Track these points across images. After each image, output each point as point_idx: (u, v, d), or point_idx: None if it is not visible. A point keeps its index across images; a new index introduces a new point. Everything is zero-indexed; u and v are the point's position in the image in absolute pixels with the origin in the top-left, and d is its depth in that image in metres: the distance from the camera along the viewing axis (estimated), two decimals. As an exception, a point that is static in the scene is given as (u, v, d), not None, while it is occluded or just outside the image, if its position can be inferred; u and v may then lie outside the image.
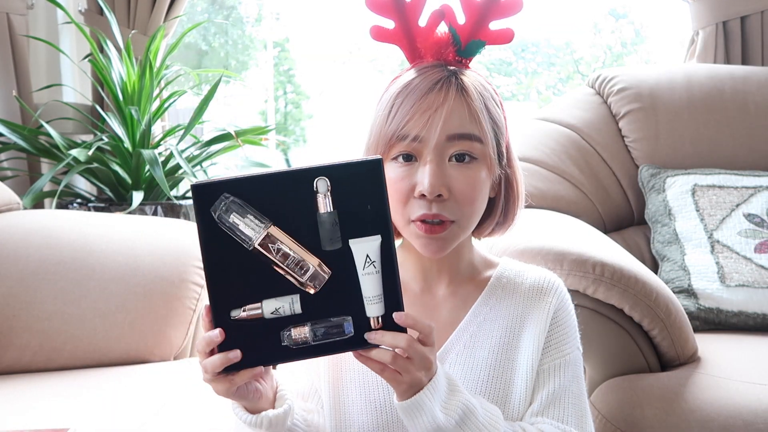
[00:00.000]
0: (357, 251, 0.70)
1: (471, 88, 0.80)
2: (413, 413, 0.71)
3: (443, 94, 0.78)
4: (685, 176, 1.64)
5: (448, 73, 0.80)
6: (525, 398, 0.83)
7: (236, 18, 3.12)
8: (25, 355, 1.32)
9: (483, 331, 0.85)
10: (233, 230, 0.69)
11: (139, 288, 1.37)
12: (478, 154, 0.80)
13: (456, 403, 0.73)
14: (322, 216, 0.70)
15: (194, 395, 1.18)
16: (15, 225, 1.45)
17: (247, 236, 0.69)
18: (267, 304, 0.69)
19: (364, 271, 0.70)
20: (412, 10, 0.82)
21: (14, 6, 2.17)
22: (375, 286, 0.70)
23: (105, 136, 2.14)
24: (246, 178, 0.69)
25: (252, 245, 0.69)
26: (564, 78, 3.09)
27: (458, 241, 0.83)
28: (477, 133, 0.79)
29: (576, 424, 0.81)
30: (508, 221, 0.88)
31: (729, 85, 1.80)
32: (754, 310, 1.42)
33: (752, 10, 2.07)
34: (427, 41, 0.83)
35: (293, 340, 0.69)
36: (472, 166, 0.79)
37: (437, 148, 0.78)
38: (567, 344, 0.85)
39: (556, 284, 0.88)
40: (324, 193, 0.70)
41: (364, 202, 0.70)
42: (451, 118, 0.78)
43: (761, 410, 1.09)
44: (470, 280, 0.89)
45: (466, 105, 0.79)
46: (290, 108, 3.20)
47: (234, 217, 0.68)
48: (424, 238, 0.79)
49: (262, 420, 0.74)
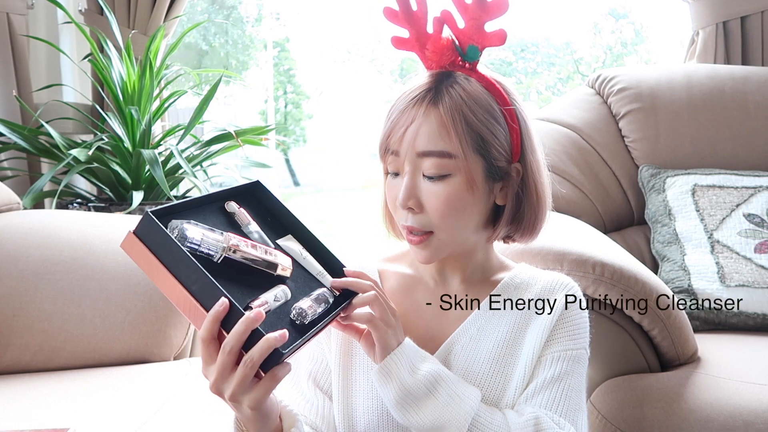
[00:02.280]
0: (286, 247, 0.81)
1: (448, 101, 0.79)
2: (384, 377, 0.77)
3: (415, 110, 0.80)
4: (685, 176, 1.64)
5: (431, 86, 0.81)
6: (522, 389, 0.84)
7: (236, 18, 3.11)
8: (25, 355, 1.32)
9: (490, 325, 0.86)
10: (197, 248, 0.68)
11: (139, 288, 1.37)
12: (450, 169, 0.79)
13: (426, 368, 0.78)
14: (248, 228, 0.79)
15: (194, 395, 1.18)
16: (15, 225, 1.45)
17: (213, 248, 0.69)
18: (265, 296, 0.72)
19: (302, 257, 0.81)
20: (419, 19, 0.83)
21: (14, 6, 2.17)
22: (314, 265, 0.81)
23: (105, 136, 2.14)
24: (179, 204, 0.73)
25: (221, 255, 0.69)
26: (564, 78, 3.09)
27: (451, 248, 0.84)
28: (446, 149, 0.78)
29: (568, 417, 0.81)
30: (527, 228, 0.87)
31: (729, 85, 1.80)
32: (754, 310, 1.42)
33: (752, 10, 2.07)
34: (435, 46, 0.83)
35: (305, 314, 0.73)
36: (444, 182, 0.80)
37: (411, 163, 0.80)
38: (573, 341, 0.85)
39: (568, 285, 0.89)
40: (237, 211, 0.79)
41: (266, 213, 0.83)
42: (418, 135, 0.79)
43: (761, 410, 1.09)
44: (484, 281, 0.90)
45: (435, 120, 0.79)
46: (290, 108, 3.20)
47: (194, 234, 0.68)
48: (412, 246, 0.84)
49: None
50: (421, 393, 0.77)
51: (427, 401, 0.77)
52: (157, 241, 0.65)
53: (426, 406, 0.77)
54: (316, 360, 0.90)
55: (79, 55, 2.39)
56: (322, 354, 0.90)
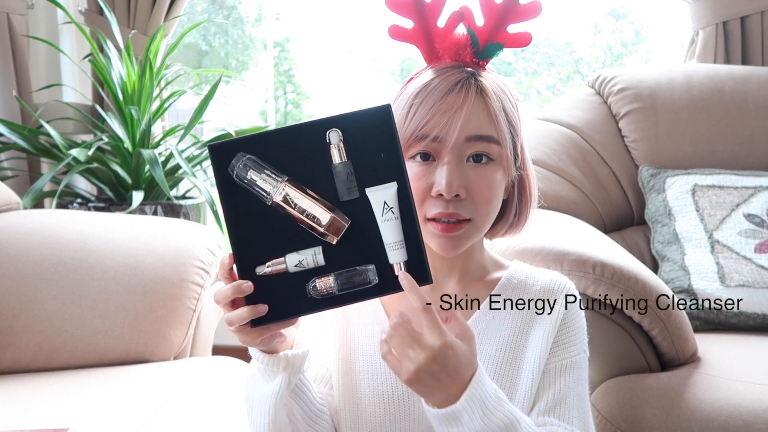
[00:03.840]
0: (374, 199, 0.71)
1: (490, 89, 0.80)
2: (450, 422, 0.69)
3: (463, 95, 0.79)
4: (685, 176, 1.64)
5: (467, 75, 0.81)
6: (529, 397, 0.83)
7: (236, 18, 3.11)
8: (25, 355, 1.32)
9: (491, 329, 0.86)
10: (252, 186, 0.70)
11: (139, 288, 1.37)
12: (495, 155, 0.80)
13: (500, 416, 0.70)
14: (336, 167, 0.71)
15: (194, 395, 1.18)
16: (15, 225, 1.45)
17: (266, 191, 0.70)
18: (290, 257, 0.71)
19: (383, 218, 0.71)
20: (431, 11, 0.82)
21: (14, 6, 2.17)
22: (395, 233, 0.71)
23: (105, 136, 2.14)
24: (260, 135, 0.71)
25: (271, 200, 0.70)
26: (564, 78, 3.09)
27: (473, 241, 0.84)
28: (495, 135, 0.80)
29: (580, 426, 0.81)
30: (521, 223, 0.89)
31: (729, 85, 1.80)
32: (754, 310, 1.42)
33: (752, 10, 2.07)
34: (445, 42, 0.83)
35: (318, 291, 0.71)
36: (489, 167, 0.80)
37: (455, 148, 0.79)
38: (575, 346, 0.85)
39: (567, 286, 0.88)
40: (336, 144, 0.71)
41: (378, 150, 0.72)
42: (470, 120, 0.78)
43: (761, 410, 1.09)
44: (479, 280, 0.90)
45: (485, 107, 0.79)
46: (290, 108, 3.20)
47: (251, 173, 0.70)
48: (439, 236, 0.80)
49: (279, 359, 0.74)
50: None
51: None
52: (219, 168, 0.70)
53: None
54: (318, 366, 0.89)
55: (79, 55, 2.39)
56: (323, 360, 0.89)
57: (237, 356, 1.42)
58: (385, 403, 0.84)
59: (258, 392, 0.77)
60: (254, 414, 0.77)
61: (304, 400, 0.80)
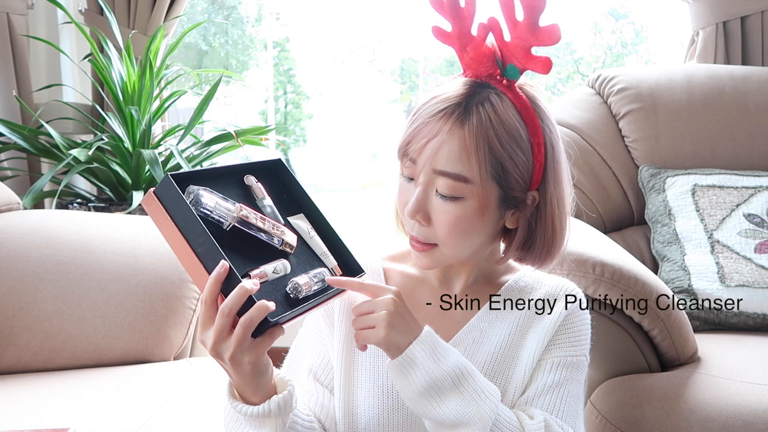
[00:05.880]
0: (295, 224, 0.83)
1: (475, 121, 0.75)
2: (407, 366, 0.74)
3: (440, 125, 0.76)
4: (685, 176, 1.64)
5: (462, 99, 0.77)
6: (520, 391, 0.84)
7: (236, 18, 3.11)
8: (25, 355, 1.32)
9: (493, 328, 0.86)
10: (209, 213, 0.72)
11: (139, 288, 1.37)
12: (464, 192, 0.77)
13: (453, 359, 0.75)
14: (262, 202, 0.81)
15: (194, 395, 1.18)
16: (15, 225, 1.45)
17: (224, 215, 0.72)
18: (265, 267, 0.74)
19: (309, 235, 0.83)
20: (465, 17, 0.79)
21: (14, 6, 2.17)
22: (320, 245, 0.83)
23: (105, 136, 2.14)
24: (200, 171, 0.76)
25: (230, 223, 0.73)
26: (564, 78, 3.09)
27: (453, 261, 0.84)
28: (462, 173, 0.76)
29: (567, 422, 0.81)
30: (539, 257, 0.85)
31: (729, 85, 1.80)
32: (754, 310, 1.42)
33: (752, 10, 2.07)
34: (475, 52, 0.79)
35: (299, 288, 0.75)
36: (455, 203, 0.78)
37: (426, 176, 0.78)
38: (574, 348, 0.85)
39: (571, 290, 0.88)
40: (254, 186, 0.81)
41: (282, 191, 0.85)
42: (439, 152, 0.76)
43: (761, 410, 1.09)
44: (487, 282, 0.90)
45: (458, 141, 0.75)
46: (290, 108, 3.20)
47: (208, 201, 0.72)
48: (413, 251, 0.83)
49: (269, 406, 0.73)
50: (446, 384, 0.74)
51: (452, 394, 0.74)
52: (172, 202, 0.70)
53: (450, 399, 0.74)
54: (317, 355, 0.90)
55: (79, 55, 2.39)
56: (324, 350, 0.90)
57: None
58: (383, 395, 0.85)
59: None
60: None
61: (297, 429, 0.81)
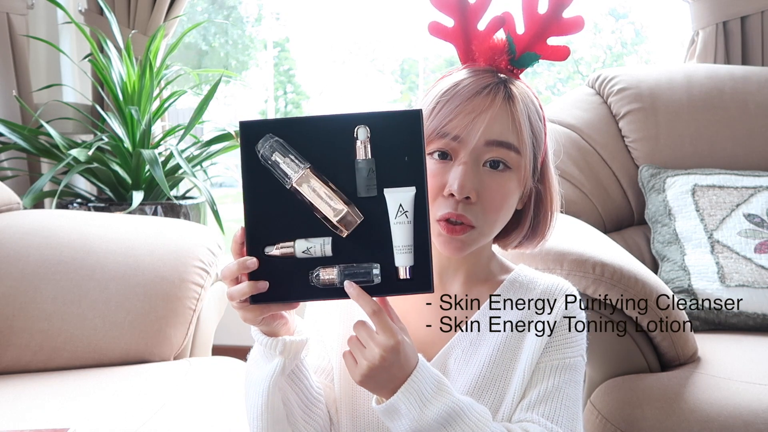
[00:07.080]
0: (391, 200, 0.72)
1: (518, 98, 0.80)
2: (391, 415, 0.73)
3: (490, 99, 0.79)
4: (685, 176, 1.64)
5: (498, 80, 0.81)
6: (518, 398, 0.83)
7: (236, 18, 3.12)
8: (25, 355, 1.32)
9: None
10: (274, 168, 0.71)
11: (139, 288, 1.37)
12: (513, 163, 0.80)
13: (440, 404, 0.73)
14: (359, 163, 0.72)
15: (194, 395, 1.18)
16: (15, 225, 1.45)
17: (287, 174, 0.71)
18: (299, 243, 0.72)
19: (396, 220, 0.72)
20: (474, 12, 0.82)
21: (14, 6, 2.17)
22: (406, 236, 0.72)
23: (105, 136, 2.14)
24: (291, 120, 0.74)
25: (290, 184, 0.71)
26: (564, 78, 3.09)
27: (478, 245, 0.84)
28: (516, 143, 0.80)
29: (566, 426, 0.81)
30: (537, 236, 0.89)
31: (729, 85, 1.80)
32: (754, 310, 1.42)
33: (752, 10, 2.07)
34: (482, 45, 0.83)
35: (321, 281, 0.72)
36: (504, 175, 0.80)
37: (474, 151, 0.79)
38: (570, 349, 0.85)
39: (568, 290, 0.88)
40: (363, 141, 0.72)
41: (402, 153, 0.73)
42: (493, 124, 0.78)
43: (761, 410, 1.09)
44: (484, 282, 0.90)
45: (510, 114, 0.79)
46: (290, 108, 3.20)
47: (276, 155, 0.71)
48: (444, 236, 0.80)
49: (277, 343, 0.75)
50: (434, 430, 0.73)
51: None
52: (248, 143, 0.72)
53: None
54: (316, 356, 0.90)
55: (79, 55, 2.39)
56: (324, 353, 0.90)
57: (237, 356, 1.42)
58: None
59: (255, 373, 0.78)
60: (250, 395, 0.78)
61: (301, 387, 0.81)
